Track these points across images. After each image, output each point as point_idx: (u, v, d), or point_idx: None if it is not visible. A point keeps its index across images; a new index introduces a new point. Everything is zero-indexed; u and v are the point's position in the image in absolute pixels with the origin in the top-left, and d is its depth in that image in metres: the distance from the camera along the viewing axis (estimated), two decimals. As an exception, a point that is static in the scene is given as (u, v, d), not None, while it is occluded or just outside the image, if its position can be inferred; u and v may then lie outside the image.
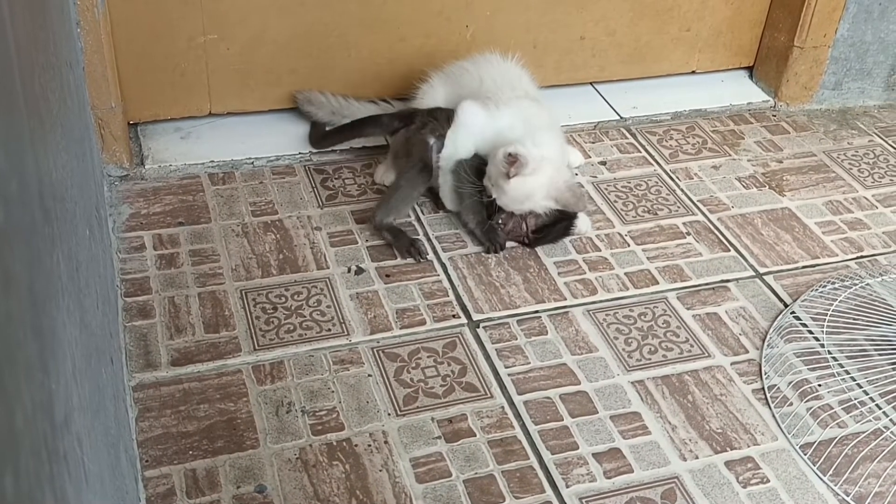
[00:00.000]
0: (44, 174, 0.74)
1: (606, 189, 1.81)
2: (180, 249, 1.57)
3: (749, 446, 1.33)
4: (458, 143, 1.63)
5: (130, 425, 1.27)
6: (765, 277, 1.63)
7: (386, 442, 1.29)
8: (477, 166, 1.62)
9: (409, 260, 1.59)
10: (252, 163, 1.78)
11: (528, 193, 1.56)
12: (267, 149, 1.80)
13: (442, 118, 1.65)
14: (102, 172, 1.67)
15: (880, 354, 1.47)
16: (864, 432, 1.35)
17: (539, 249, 1.64)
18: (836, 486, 1.28)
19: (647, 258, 1.65)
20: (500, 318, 1.51)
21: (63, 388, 0.67)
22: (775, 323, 1.53)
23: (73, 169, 1.05)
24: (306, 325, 1.46)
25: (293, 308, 1.48)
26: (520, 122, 1.62)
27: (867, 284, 1.60)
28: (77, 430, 0.71)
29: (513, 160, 1.53)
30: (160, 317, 1.45)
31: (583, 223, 1.65)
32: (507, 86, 1.68)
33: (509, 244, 1.64)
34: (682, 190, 1.83)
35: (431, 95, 1.75)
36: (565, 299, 1.55)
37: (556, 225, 1.62)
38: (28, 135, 0.67)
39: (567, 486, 1.26)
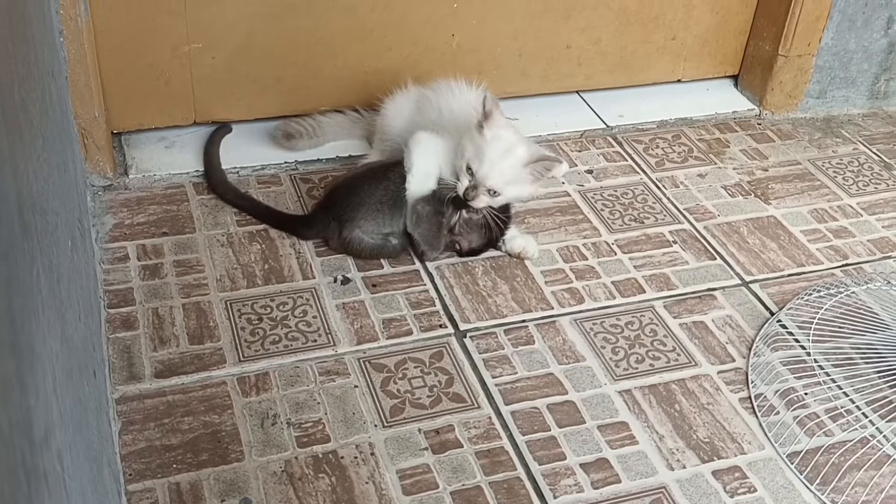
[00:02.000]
0: (23, 187, 0.73)
1: (593, 197, 1.81)
2: (164, 260, 1.56)
3: (736, 455, 1.33)
4: (421, 172, 1.56)
5: (113, 439, 1.26)
6: (751, 286, 1.63)
7: (372, 454, 1.28)
8: (441, 197, 1.57)
9: (398, 269, 1.58)
10: (237, 172, 1.77)
11: (507, 146, 1.51)
12: (252, 158, 1.79)
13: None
14: (85, 182, 1.66)
15: (866, 363, 1.47)
16: (850, 441, 1.35)
17: (527, 259, 1.63)
18: (823, 494, 1.28)
19: (634, 267, 1.65)
20: (487, 327, 1.50)
21: (43, 404, 0.66)
22: (761, 331, 1.53)
23: (55, 180, 1.04)
24: (292, 335, 1.45)
25: (279, 319, 1.47)
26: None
27: (852, 292, 1.60)
28: (58, 445, 0.70)
29: (484, 105, 1.50)
30: (144, 328, 1.43)
31: (523, 243, 1.63)
32: (466, 116, 1.62)
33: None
34: (668, 198, 1.83)
35: (395, 115, 1.73)
36: (552, 308, 1.55)
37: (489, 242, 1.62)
38: (6, 148, 0.67)
39: (555, 497, 1.25)
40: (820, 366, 1.47)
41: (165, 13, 1.69)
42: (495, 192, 1.52)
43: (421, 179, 1.56)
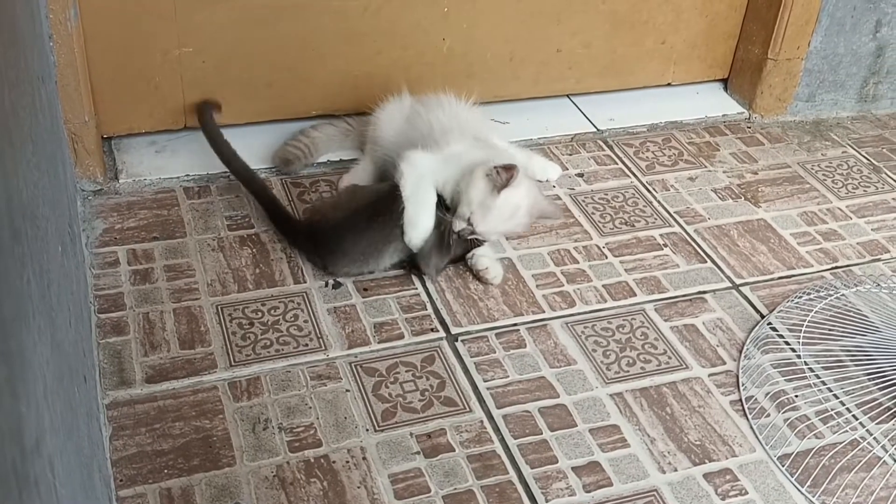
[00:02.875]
0: (13, 193, 0.73)
1: (584, 201, 1.81)
2: (155, 265, 1.56)
3: (727, 458, 1.34)
4: (422, 229, 1.53)
5: (104, 444, 1.25)
6: (741, 289, 1.64)
7: (364, 458, 1.28)
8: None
9: (389, 273, 1.58)
10: (228, 176, 1.76)
11: (515, 207, 1.53)
12: (243, 162, 1.79)
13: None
14: (76, 187, 1.65)
15: (856, 365, 1.47)
16: (841, 443, 1.36)
17: (518, 262, 1.64)
18: (813, 497, 1.29)
19: (625, 270, 1.65)
20: (478, 331, 1.50)
21: (34, 411, 0.66)
22: (752, 334, 1.53)
23: (45, 185, 1.03)
24: (283, 340, 1.45)
25: (270, 323, 1.47)
26: (472, 154, 1.59)
27: (842, 295, 1.61)
28: (49, 452, 0.70)
29: (508, 170, 1.49)
30: (134, 333, 1.43)
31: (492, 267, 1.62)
32: (457, 130, 1.63)
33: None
34: (658, 202, 1.83)
35: (387, 125, 1.72)
36: (544, 312, 1.55)
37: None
38: (-3, 153, 0.66)
39: (547, 501, 1.25)
40: (810, 368, 1.47)
41: (155, 17, 1.68)
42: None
43: (422, 235, 1.53)
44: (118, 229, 1.62)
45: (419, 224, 1.53)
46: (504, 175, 1.49)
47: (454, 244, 1.56)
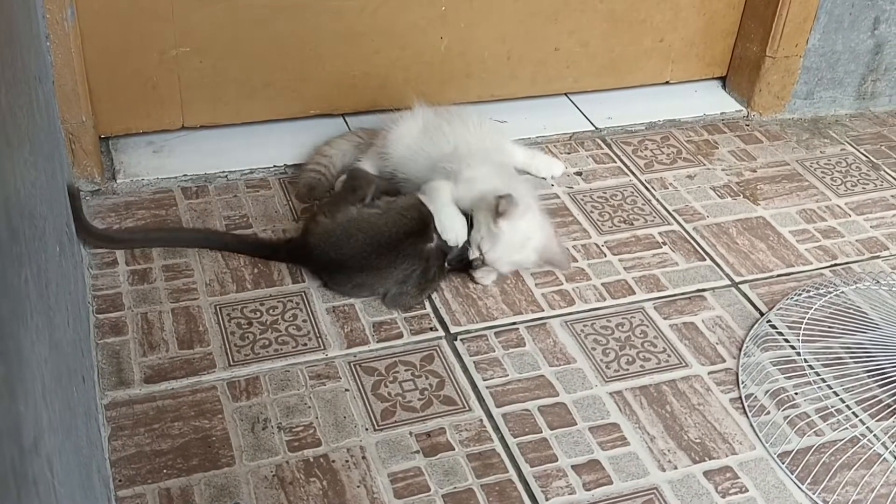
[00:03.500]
0: (10, 192, 0.73)
1: (583, 200, 1.81)
2: (153, 265, 1.56)
3: (727, 456, 1.33)
4: (450, 221, 1.53)
5: (103, 444, 1.25)
6: (740, 286, 1.64)
7: (364, 457, 1.28)
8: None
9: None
10: (226, 176, 1.76)
11: (522, 240, 1.52)
12: (241, 162, 1.79)
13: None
14: (74, 187, 1.65)
15: (856, 362, 1.47)
16: (841, 440, 1.36)
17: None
18: (814, 494, 1.28)
19: (624, 268, 1.65)
20: (477, 330, 1.50)
21: (32, 410, 0.66)
22: (751, 332, 1.53)
23: (43, 185, 1.03)
24: (282, 339, 1.44)
25: (268, 323, 1.47)
26: (491, 178, 1.58)
27: (842, 292, 1.61)
28: (47, 452, 0.70)
29: (505, 201, 1.48)
30: (133, 333, 1.43)
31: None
32: (479, 153, 1.62)
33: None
34: (657, 200, 1.83)
35: (400, 143, 1.69)
36: (543, 311, 1.55)
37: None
38: (-6, 152, 0.66)
39: (547, 499, 1.25)
40: (810, 366, 1.47)
41: (153, 17, 1.68)
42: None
43: (460, 234, 1.53)
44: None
45: (454, 226, 1.52)
46: (504, 207, 1.48)
47: (437, 274, 1.53)
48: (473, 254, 1.53)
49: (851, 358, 1.48)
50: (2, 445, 0.53)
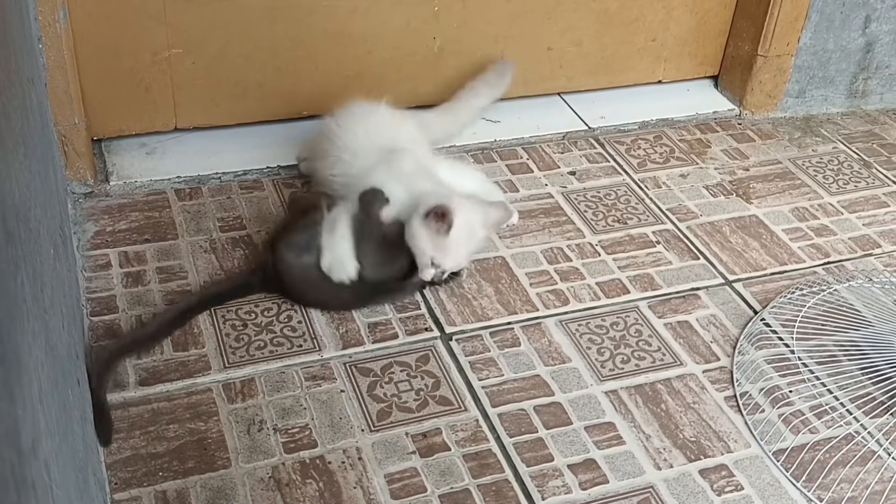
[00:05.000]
0: (6, 195, 0.73)
1: (576, 199, 1.81)
2: (147, 267, 1.55)
3: (723, 454, 1.34)
4: (339, 257, 1.47)
5: (99, 447, 1.25)
6: (734, 285, 1.64)
7: (360, 458, 1.28)
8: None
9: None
10: (219, 178, 1.76)
11: (469, 229, 1.48)
12: (234, 163, 1.78)
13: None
14: (66, 190, 1.64)
15: (849, 360, 1.48)
16: (835, 437, 1.36)
17: (511, 261, 1.64)
18: (809, 491, 1.29)
19: (618, 267, 1.65)
20: (472, 330, 1.50)
21: (30, 414, 0.66)
22: (745, 330, 1.54)
23: (37, 188, 1.03)
24: (277, 341, 1.44)
25: (263, 324, 1.47)
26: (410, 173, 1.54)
27: (835, 290, 1.61)
28: (45, 455, 0.70)
29: (443, 215, 1.43)
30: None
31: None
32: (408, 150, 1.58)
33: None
34: (650, 199, 1.83)
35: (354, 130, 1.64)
36: (537, 310, 1.55)
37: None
38: (-10, 155, 0.66)
39: (543, 499, 1.25)
40: (804, 363, 1.48)
41: (145, 19, 1.68)
42: None
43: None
44: (109, 231, 1.62)
45: (342, 264, 1.47)
46: (444, 220, 1.43)
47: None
48: (429, 274, 1.48)
49: (845, 355, 1.49)
50: (1, 449, 0.53)
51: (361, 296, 1.50)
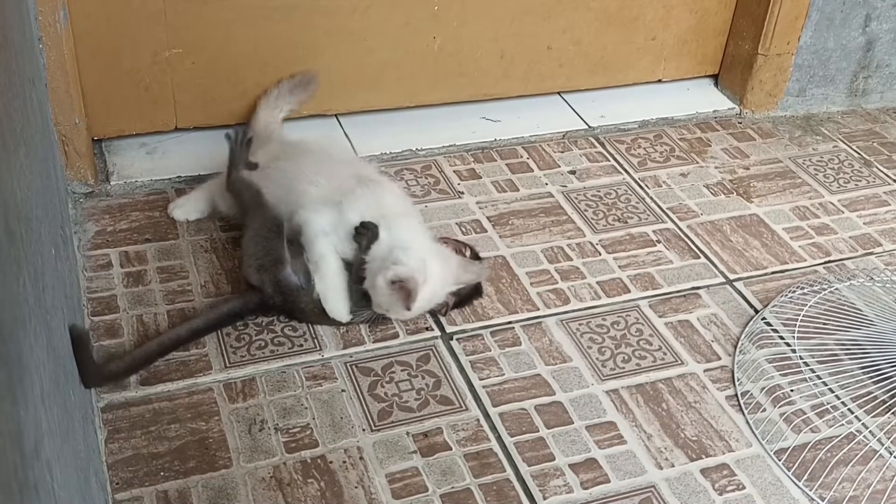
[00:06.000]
0: (8, 195, 0.73)
1: (576, 198, 1.81)
2: (148, 266, 1.55)
3: (724, 453, 1.34)
4: (335, 301, 1.43)
5: (100, 447, 1.25)
6: (735, 284, 1.64)
7: (361, 458, 1.28)
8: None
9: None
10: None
11: (431, 295, 1.42)
12: (234, 163, 1.78)
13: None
14: (67, 190, 1.64)
15: (851, 359, 1.48)
16: (837, 436, 1.36)
17: (511, 260, 1.64)
18: (811, 491, 1.29)
19: (619, 266, 1.65)
20: (473, 329, 1.50)
21: (32, 415, 0.66)
22: (746, 329, 1.54)
23: (38, 188, 1.03)
24: (278, 340, 1.44)
25: (264, 324, 1.47)
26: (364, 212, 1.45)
27: (836, 289, 1.61)
28: (47, 456, 0.70)
29: (403, 288, 1.36)
30: (129, 336, 1.42)
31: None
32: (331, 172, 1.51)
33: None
34: (651, 198, 1.83)
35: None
36: (538, 309, 1.55)
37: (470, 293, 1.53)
38: (-8, 156, 0.66)
39: (544, 498, 1.25)
40: (805, 362, 1.48)
41: (145, 19, 1.67)
42: None
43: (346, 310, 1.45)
44: (110, 231, 1.61)
45: (337, 308, 1.43)
46: (408, 295, 1.37)
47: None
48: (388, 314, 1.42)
49: (846, 354, 1.49)
50: (4, 451, 0.53)
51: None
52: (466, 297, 1.52)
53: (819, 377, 1.46)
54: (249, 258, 1.44)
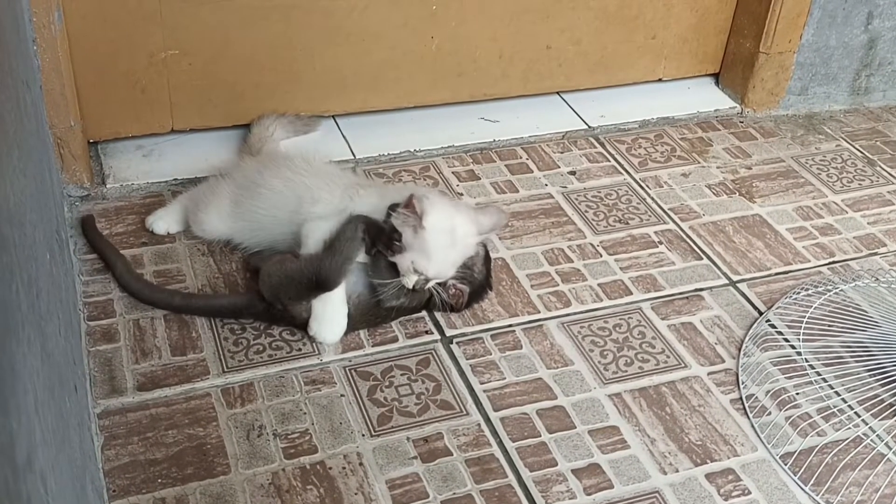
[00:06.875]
0: (0, 200, 0.71)
1: (577, 199, 1.79)
2: (144, 270, 1.53)
3: (729, 458, 1.32)
4: (331, 318, 1.41)
5: (96, 454, 1.23)
6: (738, 285, 1.62)
7: (361, 464, 1.26)
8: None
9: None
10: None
11: (450, 231, 1.40)
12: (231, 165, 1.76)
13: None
14: (62, 193, 1.62)
15: (856, 361, 1.46)
16: (843, 440, 1.35)
17: (511, 262, 1.62)
18: (817, 495, 1.27)
19: (620, 268, 1.64)
20: (473, 333, 1.48)
21: (25, 426, 0.64)
22: (750, 331, 1.52)
23: (32, 192, 1.01)
24: (276, 345, 1.42)
25: (262, 328, 1.45)
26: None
27: (840, 290, 1.60)
28: (41, 467, 0.68)
29: (408, 205, 1.37)
30: (125, 340, 1.40)
31: None
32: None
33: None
34: (652, 198, 1.82)
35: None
36: (539, 312, 1.53)
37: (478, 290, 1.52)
38: (-18, 160, 0.64)
39: (547, 504, 1.24)
40: (811, 365, 1.46)
41: (141, 20, 1.66)
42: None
43: (339, 332, 1.44)
44: (106, 235, 1.59)
45: (333, 328, 1.42)
46: (412, 209, 1.37)
47: (394, 309, 1.45)
48: (411, 281, 1.39)
49: (852, 357, 1.47)
50: (-5, 466, 0.51)
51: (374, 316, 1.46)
52: (477, 291, 1.50)
53: (825, 380, 1.44)
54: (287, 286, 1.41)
